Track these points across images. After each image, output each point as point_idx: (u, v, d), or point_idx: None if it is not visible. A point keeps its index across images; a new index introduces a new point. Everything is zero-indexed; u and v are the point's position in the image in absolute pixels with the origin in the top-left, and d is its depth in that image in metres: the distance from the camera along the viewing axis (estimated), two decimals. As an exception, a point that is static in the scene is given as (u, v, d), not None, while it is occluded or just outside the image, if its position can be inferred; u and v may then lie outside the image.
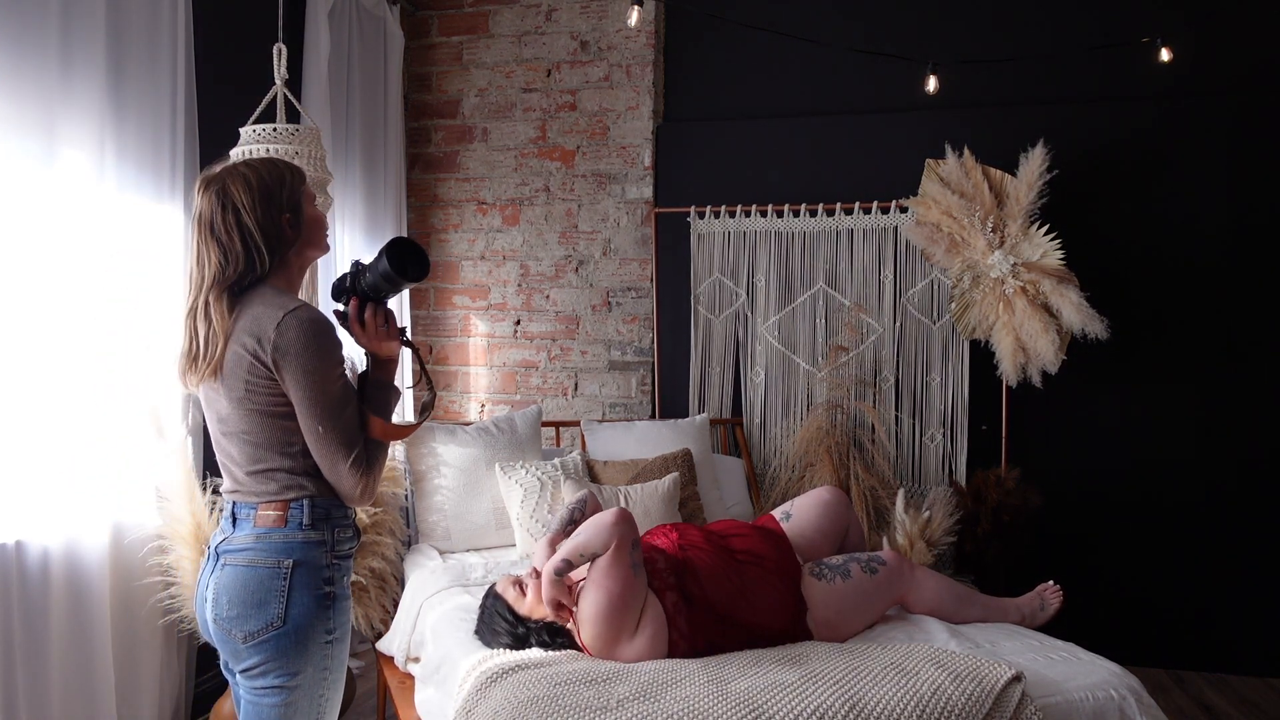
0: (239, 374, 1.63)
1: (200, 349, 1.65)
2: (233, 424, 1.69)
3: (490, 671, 2.14)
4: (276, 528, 1.65)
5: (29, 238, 2.47)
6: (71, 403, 2.57)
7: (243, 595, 1.63)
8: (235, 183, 1.65)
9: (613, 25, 4.27)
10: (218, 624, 1.65)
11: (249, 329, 1.62)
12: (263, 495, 1.68)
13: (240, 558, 1.65)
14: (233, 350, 1.63)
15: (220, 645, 1.69)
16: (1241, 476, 3.72)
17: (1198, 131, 3.76)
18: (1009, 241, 3.56)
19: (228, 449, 1.73)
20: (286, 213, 1.68)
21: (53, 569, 2.51)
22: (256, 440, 1.68)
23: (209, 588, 1.68)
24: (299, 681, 1.65)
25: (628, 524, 2.29)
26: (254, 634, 1.62)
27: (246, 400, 1.65)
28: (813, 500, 2.81)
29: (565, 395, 4.38)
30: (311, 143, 2.76)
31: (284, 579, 1.63)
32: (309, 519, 1.67)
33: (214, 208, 1.64)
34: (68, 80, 2.56)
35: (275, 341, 1.60)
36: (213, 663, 3.07)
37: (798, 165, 4.14)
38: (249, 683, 1.67)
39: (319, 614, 1.66)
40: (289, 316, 1.61)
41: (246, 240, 1.64)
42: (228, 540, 1.69)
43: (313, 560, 1.66)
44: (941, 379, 3.91)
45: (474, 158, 4.46)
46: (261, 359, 1.61)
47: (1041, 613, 2.66)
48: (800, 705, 1.88)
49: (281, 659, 1.63)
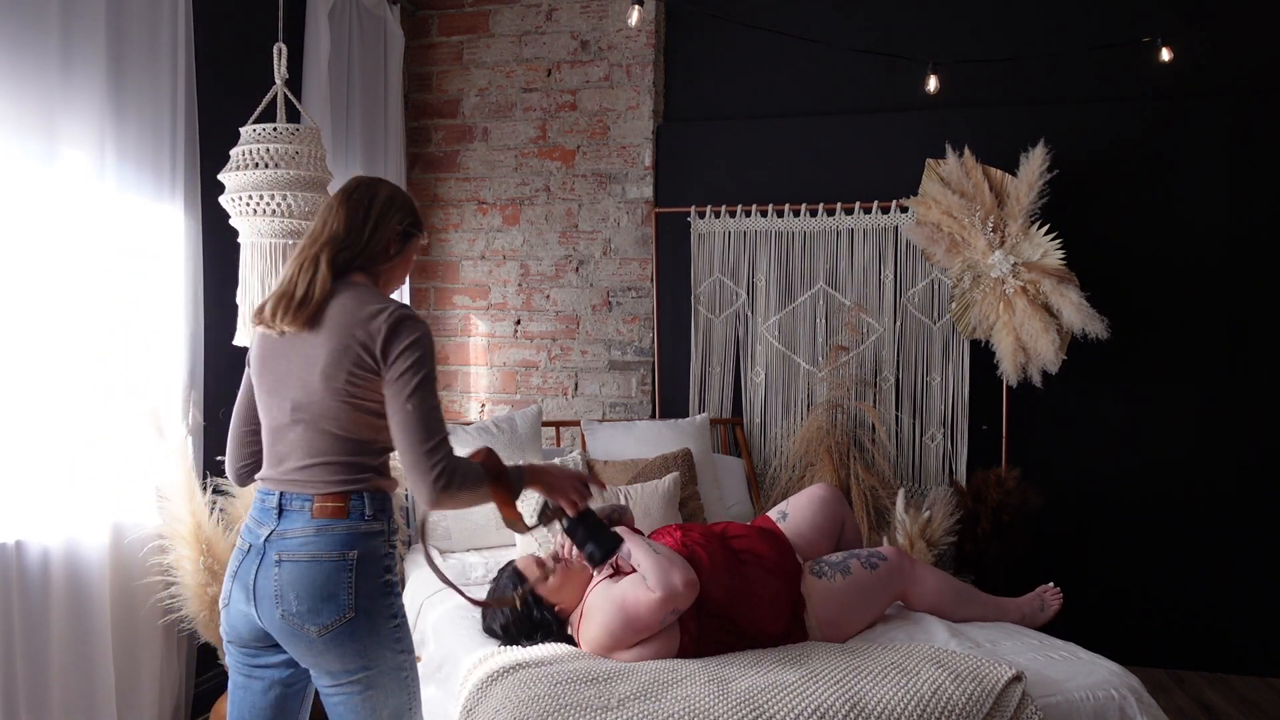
0: (344, 365, 1.65)
1: (299, 294, 1.68)
2: (315, 411, 1.68)
3: (492, 670, 2.14)
4: (337, 519, 1.66)
5: (29, 237, 2.47)
6: (71, 403, 2.57)
7: (310, 589, 1.62)
8: (385, 187, 1.80)
9: (613, 25, 4.27)
10: (287, 619, 1.64)
11: (358, 321, 1.66)
12: (321, 486, 1.67)
13: (302, 553, 1.64)
14: (340, 341, 1.66)
15: (290, 641, 1.67)
16: (1241, 476, 3.72)
17: (1198, 131, 3.76)
18: (1009, 241, 3.57)
19: (291, 438, 1.71)
20: (399, 234, 1.79)
21: (53, 569, 2.51)
22: (344, 430, 1.67)
23: (271, 584, 1.65)
24: (378, 668, 1.67)
25: (685, 595, 2.22)
26: (327, 626, 1.62)
27: (346, 391, 1.65)
28: (807, 499, 2.81)
29: (565, 395, 4.38)
30: (311, 142, 2.76)
31: (349, 571, 1.64)
32: (370, 511, 1.68)
33: (360, 186, 1.78)
34: (68, 80, 2.56)
35: (386, 334, 1.64)
36: (213, 662, 3.08)
37: (798, 165, 4.14)
38: (330, 681, 1.68)
39: (383, 601, 1.68)
40: (398, 309, 1.67)
41: (367, 224, 1.75)
42: (280, 534, 1.67)
43: (374, 550, 1.68)
44: (942, 379, 3.91)
45: (474, 157, 4.46)
46: (371, 350, 1.64)
47: (1041, 614, 2.67)
48: (801, 705, 1.88)
49: (357, 646, 1.64)
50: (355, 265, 1.75)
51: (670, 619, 2.23)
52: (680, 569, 2.23)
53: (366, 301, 1.69)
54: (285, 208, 2.69)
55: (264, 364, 1.76)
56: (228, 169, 2.74)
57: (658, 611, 2.20)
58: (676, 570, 2.23)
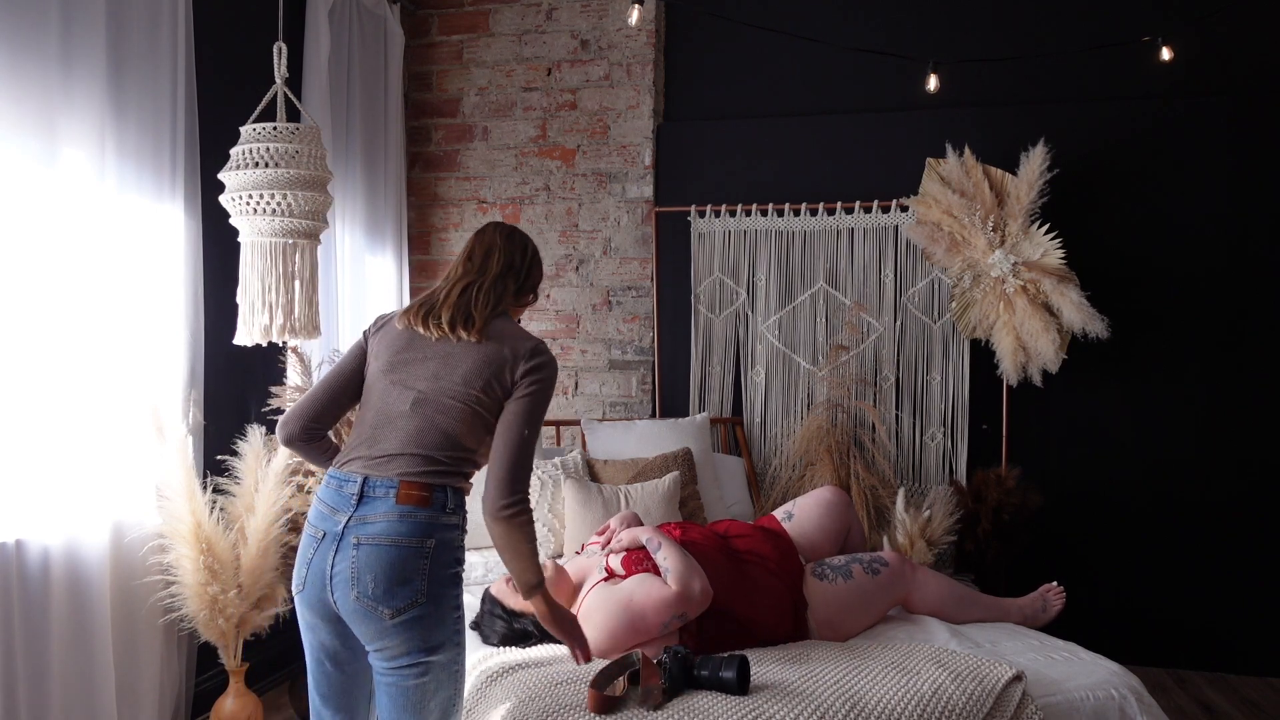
0: (485, 374, 1.82)
1: (478, 310, 1.88)
2: (436, 406, 1.80)
3: (490, 671, 2.14)
4: (421, 507, 1.73)
5: (30, 237, 2.47)
6: (71, 402, 2.57)
7: (389, 573, 1.69)
8: (527, 237, 2.04)
9: (613, 24, 4.27)
10: (361, 601, 1.70)
11: (508, 344, 1.85)
12: (411, 475, 1.75)
13: (383, 537, 1.71)
14: (492, 353, 1.83)
15: (361, 622, 1.72)
16: (1242, 476, 3.72)
17: (1199, 131, 3.76)
18: (1009, 241, 3.56)
19: (400, 424, 1.81)
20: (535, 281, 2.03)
21: (53, 568, 2.51)
22: (454, 429, 1.80)
23: (349, 567, 1.71)
24: (439, 657, 1.74)
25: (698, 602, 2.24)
26: (400, 609, 1.69)
27: (475, 397, 1.81)
28: (814, 500, 2.81)
29: (565, 394, 4.38)
30: (312, 141, 2.76)
31: (426, 557, 1.71)
32: (452, 504, 1.78)
33: (515, 232, 2.01)
34: (68, 80, 2.56)
35: (529, 362, 1.83)
36: (213, 662, 3.08)
37: (798, 164, 4.13)
38: (390, 665, 1.74)
39: (452, 589, 1.76)
40: (540, 345, 1.87)
41: (523, 263, 1.98)
42: (359, 519, 1.73)
43: (449, 541, 1.76)
44: (942, 378, 3.91)
45: (474, 157, 4.46)
46: (514, 370, 1.82)
47: (1043, 614, 2.67)
48: (801, 705, 1.88)
49: (424, 631, 1.71)
50: (512, 299, 1.96)
51: (674, 624, 2.23)
52: (702, 578, 2.26)
53: (519, 331, 1.89)
54: (285, 207, 2.69)
55: (400, 356, 1.88)
56: (228, 168, 2.74)
57: (667, 610, 2.20)
58: (698, 578, 2.25)
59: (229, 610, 2.81)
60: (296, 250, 2.76)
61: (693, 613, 2.24)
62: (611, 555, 2.44)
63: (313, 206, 2.74)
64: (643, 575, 2.29)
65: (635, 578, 2.30)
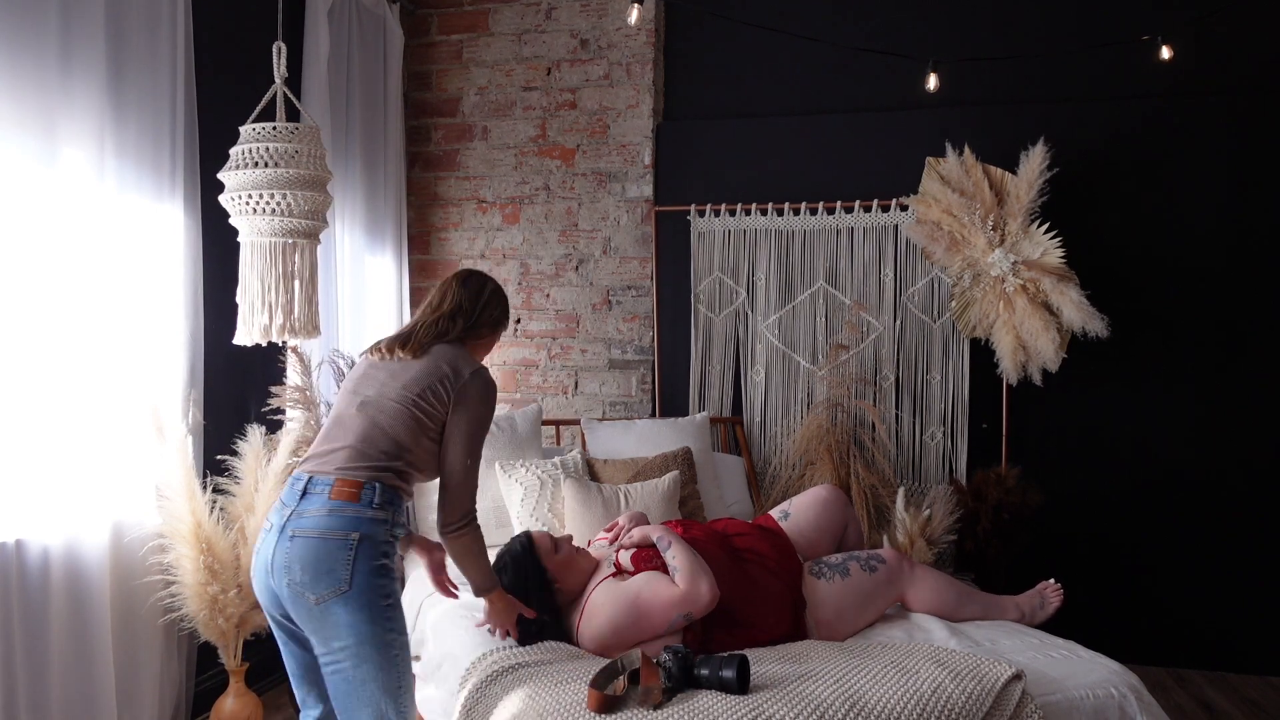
0: (426, 382, 2.04)
1: (416, 337, 2.13)
2: (378, 406, 2.03)
3: (491, 670, 2.14)
4: (350, 503, 1.90)
5: (29, 237, 2.47)
6: (72, 402, 2.57)
7: (314, 563, 1.85)
8: (492, 281, 2.30)
9: (613, 24, 4.27)
10: (292, 588, 1.86)
11: (449, 361, 2.08)
12: (346, 471, 1.94)
13: (313, 530, 1.88)
14: (433, 367, 2.06)
15: (294, 607, 1.88)
16: (1242, 475, 3.72)
17: (1198, 130, 3.76)
18: (1009, 240, 3.56)
19: (346, 424, 2.03)
20: (492, 320, 2.25)
21: (53, 568, 2.51)
22: (392, 428, 2.00)
23: (283, 557, 1.88)
24: (370, 643, 1.86)
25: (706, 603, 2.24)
26: (324, 596, 1.84)
27: (414, 401, 2.02)
28: (811, 499, 2.81)
29: (565, 394, 4.38)
30: (311, 141, 2.76)
31: (350, 550, 1.87)
32: (379, 500, 1.93)
33: (474, 276, 2.27)
34: (68, 79, 2.56)
35: (460, 389, 2.04)
36: (213, 662, 3.08)
37: (798, 163, 4.13)
38: (324, 650, 1.89)
39: (377, 580, 1.89)
40: (481, 369, 2.10)
41: (478, 304, 2.22)
42: (298, 514, 1.90)
43: (375, 535, 1.90)
44: (942, 377, 3.91)
45: (474, 156, 4.46)
46: (448, 386, 2.04)
47: (1041, 611, 2.66)
48: (801, 704, 1.88)
49: (349, 618, 1.85)
50: (460, 333, 2.17)
51: (679, 623, 2.24)
52: (709, 580, 2.26)
53: (465, 355, 2.13)
54: (285, 207, 2.69)
55: (357, 378, 2.13)
56: (227, 168, 2.74)
57: (673, 609, 2.20)
58: (706, 579, 2.25)
59: (229, 610, 2.81)
60: (296, 250, 2.76)
61: (699, 613, 2.24)
62: (621, 551, 2.44)
63: (312, 206, 2.74)
64: (651, 573, 2.30)
65: (643, 575, 2.31)
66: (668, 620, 2.21)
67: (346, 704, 1.89)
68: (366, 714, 1.88)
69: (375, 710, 1.88)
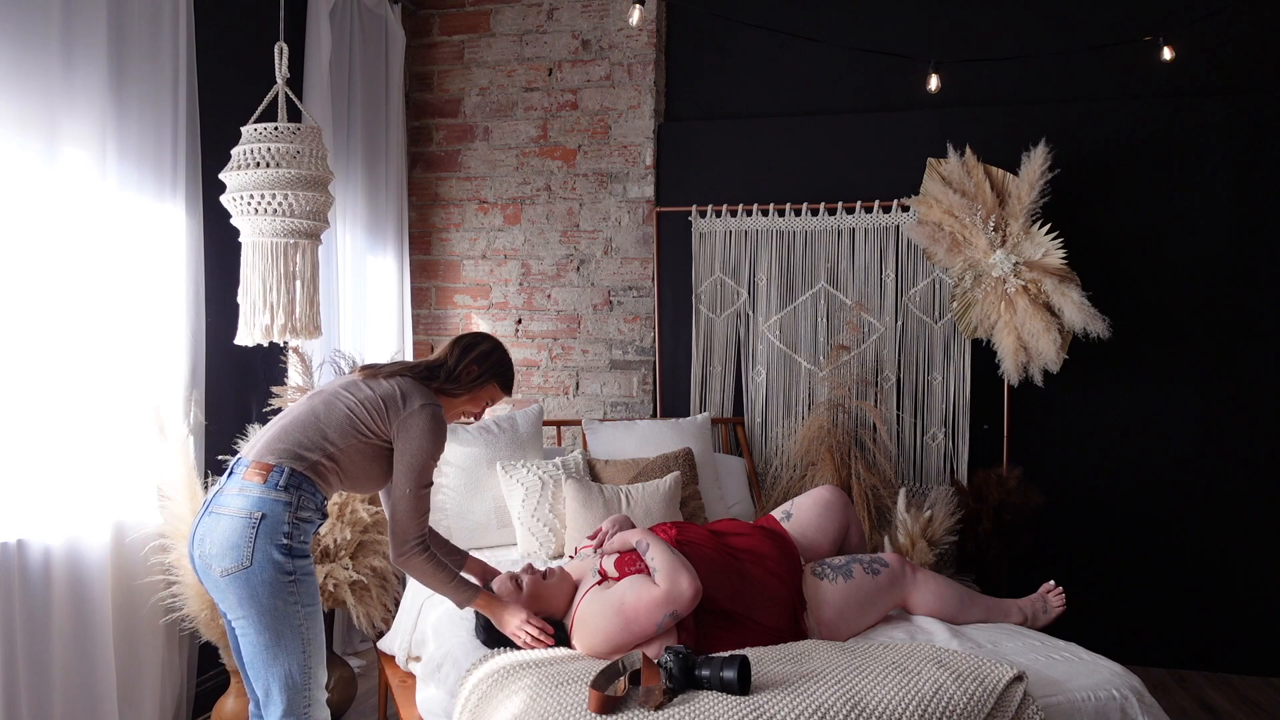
0: (374, 393, 2.17)
1: (388, 366, 2.29)
2: (320, 399, 2.17)
3: (491, 670, 2.14)
4: (257, 484, 2.01)
5: (31, 236, 2.47)
6: (73, 402, 2.58)
7: (220, 538, 1.98)
8: (488, 343, 2.37)
9: (614, 24, 4.27)
10: (202, 559, 2.00)
11: (405, 390, 2.19)
12: (263, 454, 2.05)
13: (223, 509, 2.01)
14: (386, 386, 2.19)
15: (204, 578, 2.03)
16: (1242, 476, 3.72)
17: (1199, 131, 3.76)
18: (1010, 240, 3.56)
19: (285, 412, 2.17)
20: (474, 375, 2.32)
21: (54, 568, 2.51)
22: (324, 420, 2.12)
23: (199, 531, 2.03)
24: (272, 615, 1.98)
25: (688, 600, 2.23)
26: (228, 570, 1.97)
27: (357, 402, 2.15)
28: (813, 500, 2.80)
29: (566, 394, 4.38)
30: (313, 141, 2.76)
31: (254, 527, 1.98)
32: (284, 483, 2.03)
33: (471, 336, 2.38)
34: (69, 79, 2.56)
35: (408, 415, 2.16)
36: (214, 662, 3.08)
37: (799, 164, 4.13)
38: (233, 617, 2.01)
39: (280, 556, 2.00)
40: (429, 406, 2.19)
41: (453, 357, 2.32)
42: (220, 493, 2.04)
43: (278, 514, 2.01)
44: (943, 378, 3.91)
45: (475, 157, 4.46)
46: (395, 408, 2.16)
47: (1044, 615, 2.66)
48: (801, 704, 1.88)
49: (251, 593, 1.97)
50: (436, 382, 2.28)
51: (668, 623, 2.23)
52: (689, 575, 2.24)
53: (426, 393, 2.22)
54: (286, 207, 2.69)
55: (330, 381, 2.28)
56: (229, 168, 2.74)
57: (658, 610, 2.19)
58: (685, 575, 2.23)
59: (230, 610, 2.81)
60: (298, 250, 2.76)
61: (683, 610, 2.22)
62: (605, 558, 2.44)
63: (314, 206, 2.74)
64: (635, 577, 2.29)
65: (627, 580, 2.30)
66: (655, 622, 2.21)
67: (255, 668, 2.02)
68: (274, 675, 2.01)
69: (283, 672, 2.01)
